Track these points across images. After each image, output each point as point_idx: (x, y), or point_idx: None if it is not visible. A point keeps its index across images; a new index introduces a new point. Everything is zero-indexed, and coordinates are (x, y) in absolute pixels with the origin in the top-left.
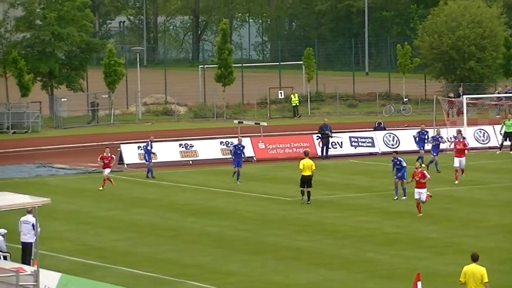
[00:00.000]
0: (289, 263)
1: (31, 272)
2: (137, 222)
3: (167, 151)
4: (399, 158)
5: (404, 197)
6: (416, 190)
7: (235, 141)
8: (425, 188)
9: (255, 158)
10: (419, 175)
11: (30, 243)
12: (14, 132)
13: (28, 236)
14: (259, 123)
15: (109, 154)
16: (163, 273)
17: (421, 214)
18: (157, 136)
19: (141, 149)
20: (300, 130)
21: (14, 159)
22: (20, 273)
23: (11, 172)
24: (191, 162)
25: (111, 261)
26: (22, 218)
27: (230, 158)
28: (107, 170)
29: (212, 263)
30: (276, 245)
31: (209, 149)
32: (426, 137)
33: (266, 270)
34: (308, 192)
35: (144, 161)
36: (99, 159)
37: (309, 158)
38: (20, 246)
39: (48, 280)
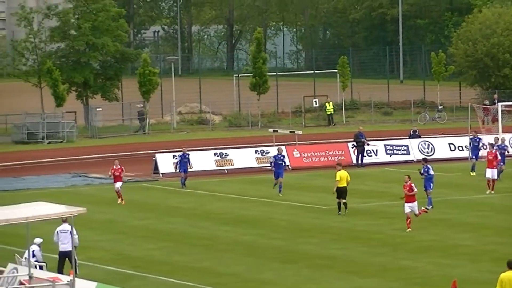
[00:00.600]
0: (323, 271)
1: (67, 281)
2: (172, 231)
3: (202, 160)
4: (428, 165)
5: (429, 207)
6: (406, 204)
7: (273, 150)
8: (415, 201)
9: (290, 167)
10: (407, 188)
11: (70, 251)
12: (49, 142)
13: (67, 244)
14: (294, 132)
15: (119, 166)
16: (198, 282)
17: (410, 229)
18: (192, 145)
19: (176, 158)
20: (335, 138)
21: (49, 169)
22: (56, 283)
23: (46, 182)
24: (226, 171)
25: (146, 270)
26: (59, 228)
27: (266, 166)
28: (118, 184)
29: (246, 271)
30: (309, 253)
31: (244, 157)
32: (480, 144)
33: (299, 278)
34: (345, 204)
35: (178, 171)
36: (109, 172)
37: (343, 167)
38: (58, 256)
39: None
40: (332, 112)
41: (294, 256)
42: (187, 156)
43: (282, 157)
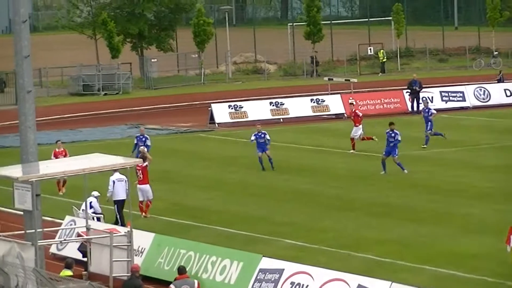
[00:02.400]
0: (381, 218)
1: (125, 232)
2: (229, 181)
3: (257, 109)
4: (395, 130)
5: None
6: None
7: (329, 99)
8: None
9: (346, 115)
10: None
11: (124, 200)
12: (105, 94)
13: (123, 193)
14: (349, 80)
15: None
16: (257, 232)
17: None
18: (247, 95)
19: (232, 108)
20: (390, 86)
21: (105, 121)
22: (114, 234)
23: (102, 134)
24: (281, 120)
25: (204, 220)
26: (115, 177)
27: (321, 115)
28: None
29: (304, 220)
30: (368, 201)
31: (300, 106)
32: None
33: (358, 226)
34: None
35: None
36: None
37: (400, 114)
38: (114, 205)
39: (141, 240)
40: (384, 61)
41: (353, 204)
42: (263, 135)
43: (263, 135)
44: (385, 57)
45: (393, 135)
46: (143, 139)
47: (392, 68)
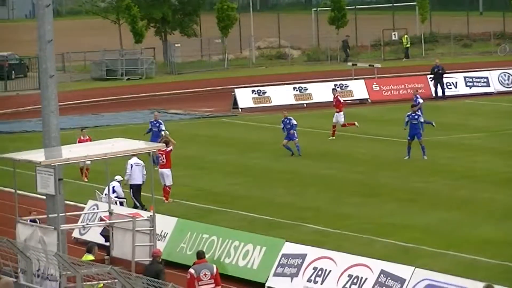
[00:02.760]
0: (405, 205)
1: (148, 217)
2: (253, 166)
3: (281, 94)
4: (417, 113)
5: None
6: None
7: (352, 84)
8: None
9: (369, 100)
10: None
11: (141, 185)
12: (128, 79)
13: (140, 178)
14: (373, 65)
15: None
16: (279, 217)
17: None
18: (271, 80)
19: (255, 93)
20: (414, 71)
21: (128, 106)
22: (137, 219)
23: (125, 118)
24: (305, 105)
25: (227, 205)
26: (133, 161)
27: (345, 100)
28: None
29: (327, 205)
30: (391, 187)
31: (323, 91)
32: None
33: (382, 212)
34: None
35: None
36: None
37: (424, 99)
38: (130, 188)
39: (164, 225)
40: (408, 46)
41: (376, 190)
42: (288, 121)
43: (288, 120)
44: (409, 43)
45: (416, 117)
46: (157, 124)
47: (416, 54)
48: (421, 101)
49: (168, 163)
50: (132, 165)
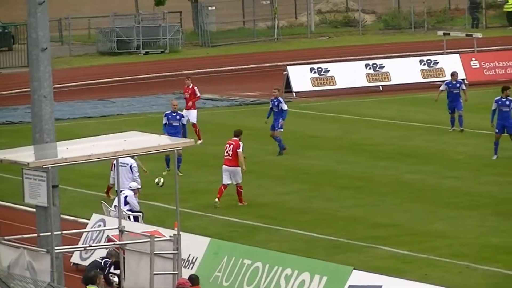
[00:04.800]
0: None
1: (170, 237)
2: (312, 169)
3: (349, 73)
4: (509, 97)
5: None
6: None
7: (443, 60)
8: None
9: (466, 81)
10: None
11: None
12: (146, 53)
13: (125, 182)
14: (471, 35)
15: (190, 85)
16: (346, 236)
17: None
18: (336, 54)
19: (315, 71)
20: None
21: (147, 88)
22: (156, 239)
23: (143, 105)
24: (381, 88)
25: (277, 221)
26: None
27: (434, 82)
28: (192, 115)
29: (410, 221)
30: (496, 197)
31: (405, 70)
32: None
33: (483, 230)
34: None
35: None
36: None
37: None
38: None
39: (193, 247)
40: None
41: (476, 200)
42: (277, 102)
43: (277, 102)
44: None
45: (507, 103)
46: (177, 117)
47: None
48: (464, 87)
49: (235, 159)
50: (114, 164)
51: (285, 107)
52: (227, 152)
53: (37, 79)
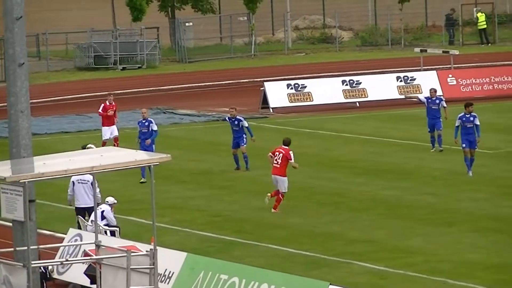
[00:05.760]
0: (491, 236)
1: (147, 251)
2: (289, 185)
3: (326, 90)
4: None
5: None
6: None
7: (419, 76)
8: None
9: (443, 98)
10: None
11: (85, 208)
12: (123, 68)
13: (85, 199)
14: (448, 52)
15: (112, 103)
16: (323, 252)
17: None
18: (313, 70)
19: (292, 87)
20: (503, 60)
21: (124, 104)
22: (133, 254)
23: (120, 120)
24: (358, 104)
25: (254, 236)
26: (75, 178)
27: (411, 99)
28: (111, 131)
29: (387, 237)
30: (473, 213)
31: (382, 86)
32: None
33: (460, 246)
34: None
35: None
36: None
37: None
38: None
39: (170, 262)
40: (484, 27)
41: (453, 216)
42: (237, 122)
43: (237, 121)
44: (486, 22)
45: (471, 119)
46: (146, 123)
47: (505, 37)
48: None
49: (284, 167)
50: (73, 182)
51: (245, 124)
52: (276, 160)
53: (14, 94)
